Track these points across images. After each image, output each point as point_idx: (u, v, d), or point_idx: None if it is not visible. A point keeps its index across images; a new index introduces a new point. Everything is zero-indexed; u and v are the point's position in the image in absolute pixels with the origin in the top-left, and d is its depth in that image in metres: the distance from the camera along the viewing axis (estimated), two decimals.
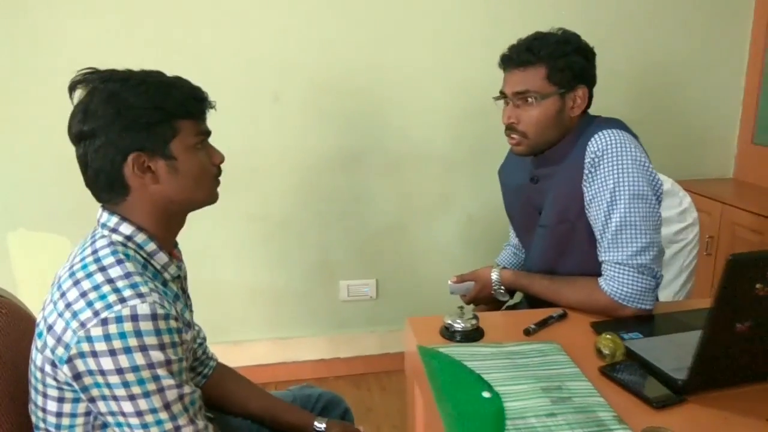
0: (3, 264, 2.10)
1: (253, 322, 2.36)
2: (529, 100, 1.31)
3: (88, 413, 0.90)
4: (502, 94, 1.36)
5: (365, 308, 2.43)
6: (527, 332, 1.20)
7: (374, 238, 2.35)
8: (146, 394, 0.86)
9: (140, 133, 0.92)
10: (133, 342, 0.84)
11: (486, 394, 0.96)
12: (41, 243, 2.11)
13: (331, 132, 2.20)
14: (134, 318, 0.84)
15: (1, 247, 2.09)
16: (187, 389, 0.91)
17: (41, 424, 0.92)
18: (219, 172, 1.05)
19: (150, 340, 0.85)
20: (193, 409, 0.92)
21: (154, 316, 0.86)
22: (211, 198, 1.05)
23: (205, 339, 1.28)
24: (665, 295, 1.80)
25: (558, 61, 1.29)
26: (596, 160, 1.25)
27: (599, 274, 1.29)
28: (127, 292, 0.86)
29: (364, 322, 2.44)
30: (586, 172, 1.27)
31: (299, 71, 2.13)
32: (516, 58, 1.31)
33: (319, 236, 2.31)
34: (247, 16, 2.05)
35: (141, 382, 0.85)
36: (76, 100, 0.94)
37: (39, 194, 2.06)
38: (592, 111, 1.40)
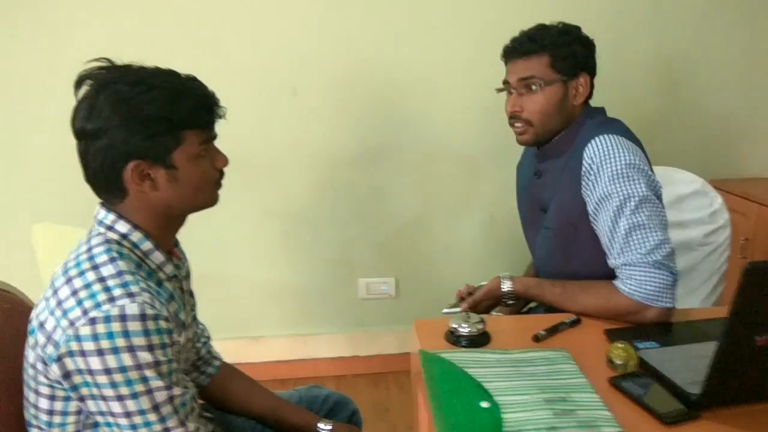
0: (28, 256, 2.13)
1: (272, 318, 2.35)
2: (533, 87, 1.30)
3: (79, 412, 0.90)
4: (506, 84, 1.35)
5: (384, 307, 2.40)
6: (536, 338, 1.15)
7: (393, 236, 2.32)
8: (134, 395, 0.85)
9: (143, 142, 0.90)
10: (120, 342, 0.83)
11: (484, 404, 0.92)
12: (65, 236, 2.14)
13: (350, 128, 2.17)
14: (122, 318, 0.83)
15: (26, 240, 2.13)
16: (177, 391, 0.89)
17: (33, 421, 0.92)
18: (221, 175, 1.03)
19: (138, 340, 0.84)
20: (184, 411, 0.91)
21: (143, 317, 0.85)
22: (212, 202, 1.03)
23: (209, 338, 1.27)
24: (693, 301, 1.72)
25: (561, 49, 1.30)
26: (592, 167, 1.24)
27: (606, 276, 1.25)
28: (116, 291, 0.85)
29: (384, 320, 2.41)
30: (584, 182, 1.26)
31: (318, 66, 2.10)
32: (519, 47, 1.32)
33: (338, 233, 2.29)
34: (266, 9, 2.04)
35: (129, 383, 0.84)
36: (81, 93, 0.93)
37: (63, 188, 2.08)
38: (609, 102, 1.38)
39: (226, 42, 2.05)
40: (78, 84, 0.92)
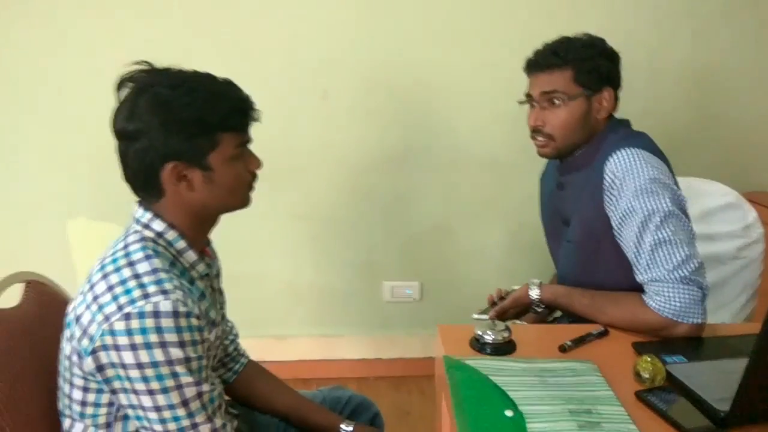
0: (63, 251, 2.19)
1: (296, 318, 2.37)
2: (556, 101, 1.29)
3: (110, 404, 0.92)
4: (528, 97, 1.34)
5: (408, 310, 2.40)
6: (563, 349, 1.15)
7: (419, 240, 2.32)
8: (164, 390, 0.87)
9: (181, 144, 0.93)
10: (153, 338, 0.85)
11: (509, 413, 0.92)
12: (100, 232, 2.19)
13: (378, 131, 2.18)
14: (156, 314, 0.86)
15: (61, 235, 2.19)
16: (206, 387, 0.91)
17: (66, 411, 0.95)
18: (254, 178, 1.05)
19: (170, 337, 0.86)
20: (212, 407, 0.93)
21: (175, 314, 0.87)
22: (244, 204, 1.05)
23: (237, 336, 1.29)
24: (724, 315, 1.69)
25: (584, 63, 1.28)
26: (615, 182, 1.23)
27: (630, 289, 1.24)
28: (151, 288, 0.88)
29: (407, 324, 2.41)
30: (607, 197, 1.24)
31: (347, 69, 2.11)
32: (542, 61, 1.30)
33: (363, 236, 2.30)
34: (297, 12, 2.06)
35: (160, 377, 0.86)
36: (122, 95, 0.95)
37: (99, 184, 2.13)
38: (641, 112, 1.35)
39: (257, 44, 2.06)
40: (119, 86, 0.95)
